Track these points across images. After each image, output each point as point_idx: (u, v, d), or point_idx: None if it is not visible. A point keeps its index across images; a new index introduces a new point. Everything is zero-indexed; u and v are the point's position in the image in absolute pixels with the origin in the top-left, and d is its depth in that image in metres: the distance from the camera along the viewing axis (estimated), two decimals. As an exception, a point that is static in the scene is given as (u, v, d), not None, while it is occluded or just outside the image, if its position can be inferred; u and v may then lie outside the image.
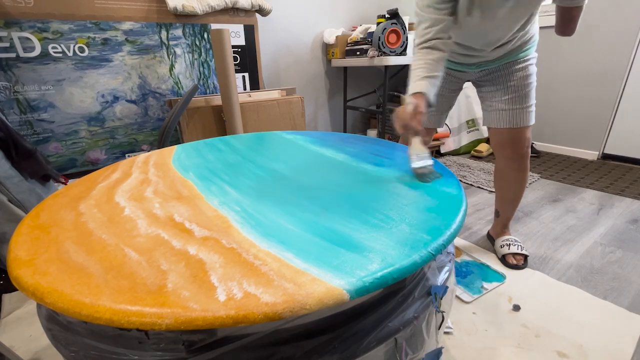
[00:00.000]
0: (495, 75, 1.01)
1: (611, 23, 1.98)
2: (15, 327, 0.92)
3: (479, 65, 1.02)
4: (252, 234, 0.46)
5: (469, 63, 1.02)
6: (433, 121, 1.15)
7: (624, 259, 1.16)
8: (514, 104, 0.98)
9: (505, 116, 1.00)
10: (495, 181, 1.16)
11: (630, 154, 2.09)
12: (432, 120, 1.15)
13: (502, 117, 1.01)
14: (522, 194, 1.12)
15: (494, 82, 1.01)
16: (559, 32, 0.90)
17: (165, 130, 1.43)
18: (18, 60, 1.31)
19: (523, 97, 0.98)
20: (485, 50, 0.95)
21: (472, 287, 1.03)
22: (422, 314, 0.47)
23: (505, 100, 0.99)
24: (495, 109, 1.02)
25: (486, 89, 1.04)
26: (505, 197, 1.15)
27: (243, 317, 0.32)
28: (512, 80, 0.98)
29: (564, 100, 2.27)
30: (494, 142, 1.07)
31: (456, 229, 0.47)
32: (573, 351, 0.81)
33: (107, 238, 0.46)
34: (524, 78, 0.97)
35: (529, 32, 0.94)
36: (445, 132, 2.33)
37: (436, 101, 1.02)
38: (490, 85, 1.03)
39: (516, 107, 0.98)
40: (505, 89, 0.99)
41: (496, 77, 1.01)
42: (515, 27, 0.88)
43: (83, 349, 0.41)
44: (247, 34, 1.77)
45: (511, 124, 1.00)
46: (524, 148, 1.02)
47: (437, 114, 1.15)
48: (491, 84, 1.02)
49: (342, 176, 0.68)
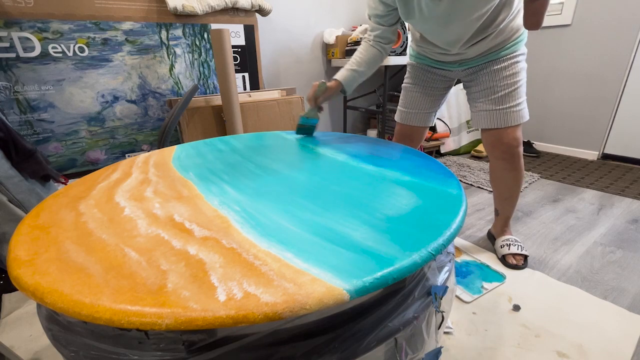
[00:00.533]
0: (480, 75, 1.00)
1: (611, 23, 1.98)
2: (15, 327, 0.92)
3: (461, 64, 1.02)
4: (252, 234, 0.46)
5: (448, 61, 1.03)
6: (422, 120, 1.17)
7: (624, 259, 1.16)
8: (499, 104, 0.97)
9: (491, 117, 0.99)
10: (490, 180, 1.17)
11: (630, 154, 2.09)
12: (421, 119, 1.17)
13: (488, 117, 0.99)
14: (518, 192, 1.12)
15: (479, 82, 1.01)
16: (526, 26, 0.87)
17: (165, 130, 1.43)
18: (18, 60, 1.31)
19: (509, 97, 0.96)
20: (454, 49, 0.95)
21: (472, 287, 1.03)
22: (422, 314, 0.47)
23: (490, 101, 0.98)
24: (480, 109, 1.01)
25: (473, 90, 1.04)
26: (502, 195, 1.15)
27: (243, 317, 0.32)
28: (496, 79, 0.96)
29: (564, 100, 2.27)
30: (485, 143, 1.06)
31: (456, 229, 0.47)
32: (573, 351, 0.81)
33: (107, 238, 0.46)
34: (510, 77, 0.95)
35: (508, 29, 0.92)
36: (445, 132, 2.33)
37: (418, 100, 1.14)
38: (475, 86, 1.02)
39: (501, 107, 0.97)
40: (489, 89, 0.98)
41: (480, 76, 1.00)
42: (476, 25, 0.87)
43: (83, 349, 0.41)
44: (247, 34, 1.77)
45: (497, 124, 0.98)
46: (514, 148, 1.00)
47: (425, 113, 1.16)
48: (476, 84, 1.02)
49: (342, 176, 0.68)
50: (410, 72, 1.16)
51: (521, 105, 0.97)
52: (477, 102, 1.02)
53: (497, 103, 0.97)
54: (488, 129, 1.01)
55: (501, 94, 0.96)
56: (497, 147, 1.02)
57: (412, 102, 1.15)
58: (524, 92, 0.98)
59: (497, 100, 0.97)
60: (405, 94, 1.17)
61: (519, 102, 0.97)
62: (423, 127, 1.19)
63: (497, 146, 1.02)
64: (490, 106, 0.98)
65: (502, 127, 0.98)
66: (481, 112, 1.01)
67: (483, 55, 0.97)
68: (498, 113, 0.97)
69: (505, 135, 0.99)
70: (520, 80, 0.96)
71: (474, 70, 1.01)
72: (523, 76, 0.97)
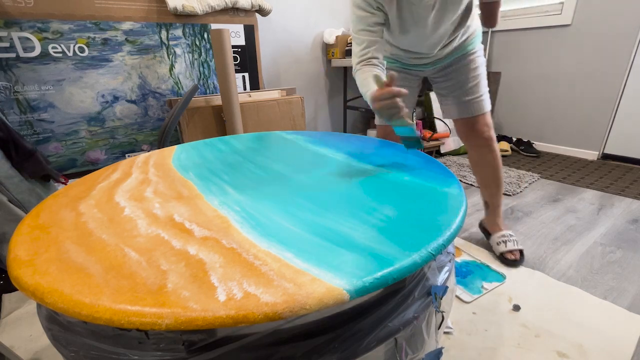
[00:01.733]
0: (448, 71, 1.08)
1: (611, 23, 1.98)
2: (15, 327, 0.92)
3: (434, 64, 1.09)
4: (252, 233, 0.46)
5: (423, 64, 1.09)
6: None
7: (624, 259, 1.16)
8: (470, 95, 1.07)
9: (466, 107, 1.08)
10: (473, 170, 1.21)
11: (630, 154, 2.09)
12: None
13: (463, 108, 1.08)
14: (501, 177, 1.16)
15: (448, 77, 1.09)
16: (483, 25, 1.06)
17: (165, 130, 1.43)
18: (18, 60, 1.31)
19: (476, 88, 1.06)
20: (433, 52, 1.02)
21: (472, 287, 1.03)
22: (422, 314, 0.47)
23: (462, 93, 1.07)
24: (454, 102, 1.10)
25: (443, 85, 1.12)
26: (485, 182, 1.18)
27: (243, 317, 0.32)
28: (464, 73, 1.06)
29: (564, 100, 2.27)
30: (460, 133, 1.15)
31: (456, 229, 0.47)
32: (573, 351, 0.81)
33: (107, 238, 0.46)
34: (474, 70, 1.06)
35: (471, 27, 1.02)
36: (445, 132, 2.33)
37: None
38: (445, 81, 1.10)
39: (472, 97, 1.06)
40: (460, 82, 1.07)
41: (449, 72, 1.08)
42: (452, 27, 0.96)
43: (83, 349, 0.41)
44: (247, 34, 1.77)
45: (472, 113, 1.08)
46: (488, 132, 1.10)
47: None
48: (445, 79, 1.10)
49: (342, 176, 0.68)
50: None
51: (486, 95, 1.09)
52: (450, 96, 1.11)
53: (469, 94, 1.07)
54: (463, 119, 1.10)
55: (470, 86, 1.06)
56: (472, 134, 1.12)
57: None
58: (485, 84, 1.09)
59: (469, 92, 1.07)
60: None
61: (485, 92, 1.08)
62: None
63: (472, 133, 1.12)
64: (463, 98, 1.08)
65: (476, 114, 1.08)
66: (455, 104, 1.10)
67: (452, 53, 1.05)
68: (470, 103, 1.07)
69: (478, 122, 1.09)
70: (482, 73, 1.08)
71: (444, 67, 1.09)
72: (484, 70, 1.09)
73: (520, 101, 2.47)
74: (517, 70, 2.43)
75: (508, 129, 2.59)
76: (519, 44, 2.37)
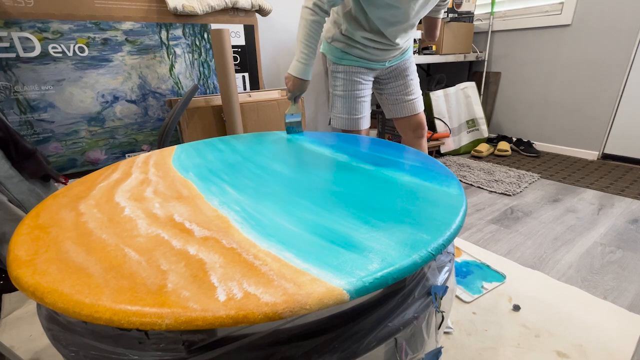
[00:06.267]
0: (396, 72, 1.21)
1: (611, 23, 1.98)
2: (15, 327, 0.92)
3: (391, 61, 1.18)
4: (252, 234, 0.46)
5: (381, 60, 1.15)
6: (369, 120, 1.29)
7: (624, 259, 1.16)
8: (415, 95, 1.24)
9: (413, 105, 1.25)
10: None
11: (630, 154, 2.09)
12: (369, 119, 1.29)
13: (410, 106, 1.25)
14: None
15: (396, 77, 1.22)
16: (425, 38, 1.30)
17: (165, 130, 1.43)
18: (18, 60, 1.31)
19: (417, 88, 1.25)
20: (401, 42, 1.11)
21: (472, 287, 1.03)
22: (422, 314, 0.47)
23: (409, 92, 1.23)
24: (402, 101, 1.24)
25: (390, 85, 1.24)
26: None
27: (243, 317, 0.32)
28: (410, 73, 1.22)
29: (564, 100, 2.27)
30: (407, 127, 1.30)
31: (456, 229, 0.47)
32: (573, 351, 0.81)
33: (107, 238, 0.46)
34: (414, 72, 1.24)
35: (414, 34, 1.16)
36: (445, 132, 2.33)
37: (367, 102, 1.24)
38: (393, 82, 1.23)
39: (416, 96, 1.25)
40: (407, 82, 1.23)
41: (396, 73, 1.21)
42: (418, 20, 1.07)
43: (83, 349, 0.41)
44: (247, 34, 1.77)
45: (416, 111, 1.26)
46: (425, 125, 1.30)
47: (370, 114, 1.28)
48: (394, 79, 1.23)
49: (343, 176, 0.68)
50: (345, 77, 1.18)
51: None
52: (400, 95, 1.24)
53: (414, 94, 1.24)
54: (409, 116, 1.27)
55: (414, 86, 1.24)
56: (419, 127, 1.30)
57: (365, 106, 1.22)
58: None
59: (413, 91, 1.24)
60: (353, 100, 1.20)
61: (420, 91, 1.27)
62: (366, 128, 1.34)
63: (418, 127, 1.30)
64: (409, 97, 1.24)
65: (419, 112, 1.26)
66: (407, 102, 1.25)
67: (404, 51, 1.19)
68: (416, 102, 1.25)
69: (421, 118, 1.28)
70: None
71: (392, 68, 1.21)
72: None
73: (520, 101, 2.47)
74: (517, 70, 2.43)
75: (508, 129, 2.59)
76: (519, 44, 2.37)
